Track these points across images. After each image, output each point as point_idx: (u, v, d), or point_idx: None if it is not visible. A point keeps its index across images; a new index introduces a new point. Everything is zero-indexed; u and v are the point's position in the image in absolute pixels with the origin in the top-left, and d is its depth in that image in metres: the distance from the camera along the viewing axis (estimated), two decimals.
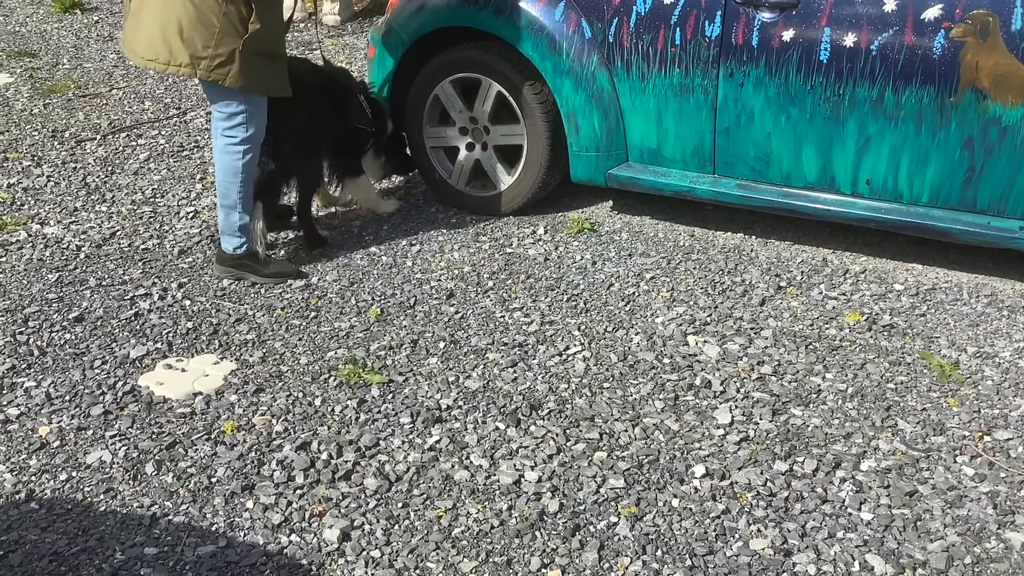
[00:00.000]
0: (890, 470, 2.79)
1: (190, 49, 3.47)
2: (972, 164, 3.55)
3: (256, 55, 3.55)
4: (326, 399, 3.16)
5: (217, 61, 3.49)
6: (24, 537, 2.57)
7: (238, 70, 3.52)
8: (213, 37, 3.47)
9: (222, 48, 3.48)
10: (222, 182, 3.78)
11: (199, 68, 3.49)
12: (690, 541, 2.54)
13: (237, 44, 3.49)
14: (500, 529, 2.59)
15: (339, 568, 2.47)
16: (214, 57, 3.49)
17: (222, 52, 3.49)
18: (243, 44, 3.49)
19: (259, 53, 3.55)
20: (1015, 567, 2.44)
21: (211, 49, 3.48)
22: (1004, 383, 3.19)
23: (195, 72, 3.50)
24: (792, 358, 3.34)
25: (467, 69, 4.29)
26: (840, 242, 4.18)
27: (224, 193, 3.79)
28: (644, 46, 3.93)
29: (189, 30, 3.45)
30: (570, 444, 2.92)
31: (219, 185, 3.80)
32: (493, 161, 4.43)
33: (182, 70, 3.51)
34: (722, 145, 3.95)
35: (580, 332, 3.54)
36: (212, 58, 3.49)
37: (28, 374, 3.31)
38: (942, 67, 3.45)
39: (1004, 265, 3.93)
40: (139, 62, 3.59)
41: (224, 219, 3.84)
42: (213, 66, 3.50)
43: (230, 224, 3.84)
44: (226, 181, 3.76)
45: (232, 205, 3.79)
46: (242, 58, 3.51)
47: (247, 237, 3.87)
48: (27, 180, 4.96)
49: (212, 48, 3.48)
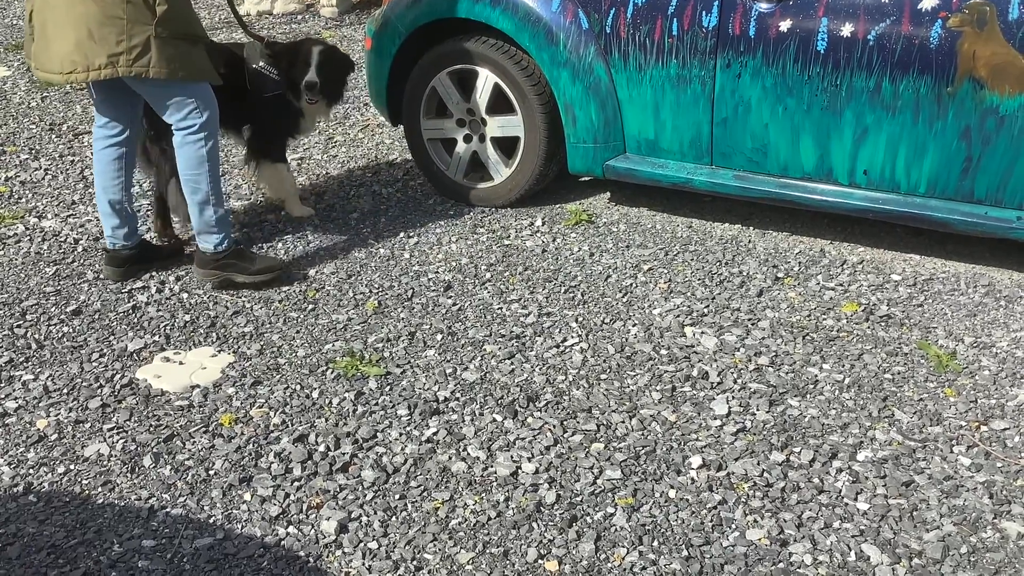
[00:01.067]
0: (887, 460, 2.79)
1: (105, 48, 3.32)
2: (969, 154, 3.55)
3: (173, 38, 3.39)
4: (324, 391, 3.16)
5: (135, 53, 3.33)
6: (22, 530, 2.58)
7: (158, 58, 3.36)
8: (124, 29, 3.31)
9: (136, 38, 3.32)
10: (190, 177, 3.63)
11: (119, 65, 3.34)
12: (687, 532, 2.55)
13: (149, 30, 3.33)
14: (497, 520, 2.59)
15: (336, 560, 2.47)
16: (130, 49, 3.33)
17: (137, 43, 3.33)
18: (155, 28, 3.33)
19: (175, 36, 3.40)
20: (1011, 556, 2.45)
21: (125, 42, 3.32)
22: (1001, 373, 3.19)
23: (116, 71, 3.35)
24: (789, 349, 3.35)
25: (464, 61, 4.29)
26: (838, 233, 4.18)
27: (194, 188, 3.64)
28: (641, 37, 3.92)
29: (99, 29, 3.31)
30: (567, 435, 2.92)
31: (186, 182, 3.65)
32: (490, 153, 4.43)
33: (103, 72, 3.35)
34: (719, 136, 3.95)
35: (577, 323, 3.54)
36: (129, 51, 3.33)
37: (26, 367, 3.31)
38: (939, 57, 3.45)
39: (1001, 255, 3.93)
40: (58, 79, 3.44)
41: (199, 216, 3.70)
42: (132, 59, 3.34)
43: (205, 221, 3.70)
44: (193, 175, 3.62)
45: (204, 200, 3.66)
46: (158, 44, 3.35)
47: (226, 231, 3.76)
48: (25, 173, 4.96)
49: (126, 40, 3.32)
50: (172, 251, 4.06)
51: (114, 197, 3.76)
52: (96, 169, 3.77)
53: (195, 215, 3.71)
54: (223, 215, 3.74)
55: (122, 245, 3.85)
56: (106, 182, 3.75)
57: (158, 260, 3.98)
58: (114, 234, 3.82)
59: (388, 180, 4.92)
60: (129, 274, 3.88)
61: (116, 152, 3.73)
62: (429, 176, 4.67)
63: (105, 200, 3.77)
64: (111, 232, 3.82)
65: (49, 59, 3.43)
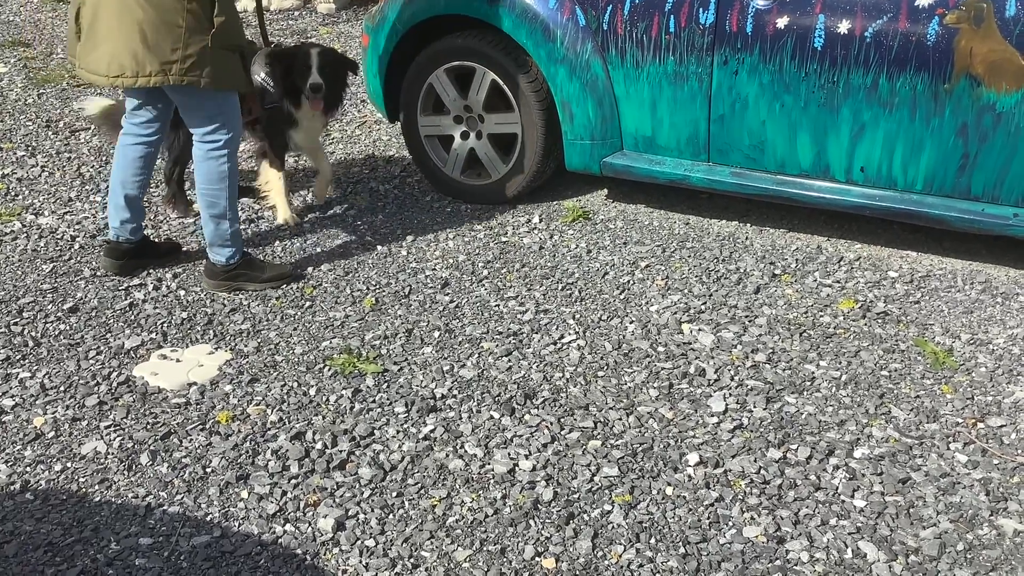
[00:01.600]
0: (883, 457, 2.79)
1: (159, 55, 3.30)
2: (966, 151, 3.55)
3: (224, 50, 3.40)
4: (321, 389, 3.16)
5: (189, 63, 3.32)
6: (19, 528, 2.57)
7: (211, 69, 3.36)
8: (180, 38, 3.29)
9: (192, 48, 3.31)
10: (208, 191, 3.62)
11: (171, 74, 3.32)
12: (684, 529, 2.55)
13: (206, 40, 3.33)
14: (494, 518, 2.60)
15: (334, 557, 2.47)
16: (185, 59, 3.31)
17: (192, 52, 3.32)
18: (211, 39, 3.34)
19: (226, 47, 3.41)
20: (1007, 553, 2.45)
21: (180, 51, 3.30)
22: (998, 370, 3.19)
23: (167, 79, 3.33)
24: (786, 346, 3.35)
25: (461, 57, 4.29)
26: (835, 230, 4.19)
27: (212, 203, 3.63)
28: (638, 34, 3.92)
29: (154, 35, 3.28)
30: (564, 433, 2.93)
31: (204, 196, 3.63)
32: (488, 150, 4.42)
33: (153, 80, 3.33)
34: (717, 133, 3.95)
35: (575, 321, 3.54)
36: (183, 60, 3.31)
37: (23, 365, 3.31)
38: (936, 54, 3.45)
39: (998, 252, 3.93)
40: (103, 82, 3.41)
41: (214, 230, 3.69)
42: (185, 68, 3.32)
43: (220, 234, 3.69)
44: (213, 190, 3.61)
45: (221, 214, 3.65)
46: (213, 55, 3.36)
47: (238, 245, 3.75)
48: (21, 170, 4.95)
49: (181, 50, 3.30)
50: (169, 248, 4.05)
51: (131, 192, 3.77)
52: (119, 163, 3.76)
53: (210, 228, 3.69)
54: (237, 230, 3.73)
55: (125, 239, 3.85)
56: (127, 177, 3.75)
57: (155, 257, 3.98)
58: (121, 228, 3.83)
59: (385, 177, 4.91)
60: (127, 268, 3.88)
61: (144, 150, 3.75)
62: (426, 173, 4.67)
63: (122, 194, 3.77)
64: (118, 225, 3.82)
65: (96, 60, 3.39)
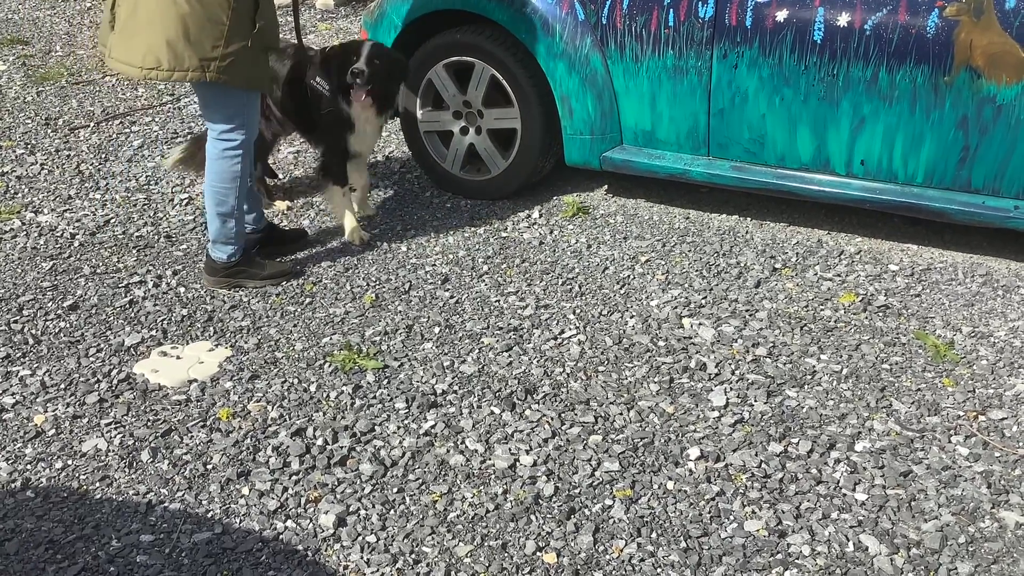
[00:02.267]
0: (884, 451, 2.79)
1: (198, 51, 3.26)
2: (967, 143, 3.54)
3: (260, 51, 3.40)
4: (321, 385, 3.16)
5: (227, 61, 3.29)
6: (20, 525, 2.58)
7: (246, 69, 3.36)
8: (223, 36, 3.26)
9: (232, 47, 3.28)
10: (218, 189, 3.58)
11: (208, 71, 3.28)
12: (685, 523, 2.55)
13: (246, 41, 3.31)
14: (495, 513, 2.59)
15: (335, 553, 2.47)
16: (224, 57, 3.28)
17: (232, 51, 3.28)
18: (251, 40, 3.33)
19: (262, 49, 3.41)
20: (1009, 546, 2.45)
21: (221, 49, 3.27)
22: (999, 363, 3.19)
23: (204, 75, 3.28)
24: (787, 339, 3.34)
25: (460, 53, 4.28)
26: (835, 223, 4.18)
27: (221, 200, 3.59)
28: (637, 28, 3.91)
29: (197, 31, 3.24)
30: (565, 428, 2.92)
31: (213, 193, 3.59)
32: (487, 145, 4.42)
33: (189, 75, 3.28)
34: (716, 127, 3.94)
35: (575, 316, 3.54)
36: (222, 58, 3.28)
37: (23, 363, 3.31)
38: (936, 47, 3.44)
39: (999, 245, 3.92)
40: (135, 73, 3.32)
41: (220, 227, 3.66)
42: (223, 67, 3.29)
43: (225, 232, 3.67)
44: (223, 188, 3.58)
45: (229, 212, 3.62)
46: (250, 55, 3.35)
47: (240, 243, 3.73)
48: (21, 168, 4.95)
49: (222, 47, 3.27)
50: (296, 235, 4.08)
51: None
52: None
53: (216, 225, 3.67)
54: (242, 229, 3.72)
55: (251, 229, 3.87)
56: None
57: (283, 244, 4.01)
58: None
59: (385, 173, 4.91)
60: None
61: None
62: (426, 169, 4.66)
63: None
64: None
65: (129, 51, 3.33)
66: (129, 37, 3.32)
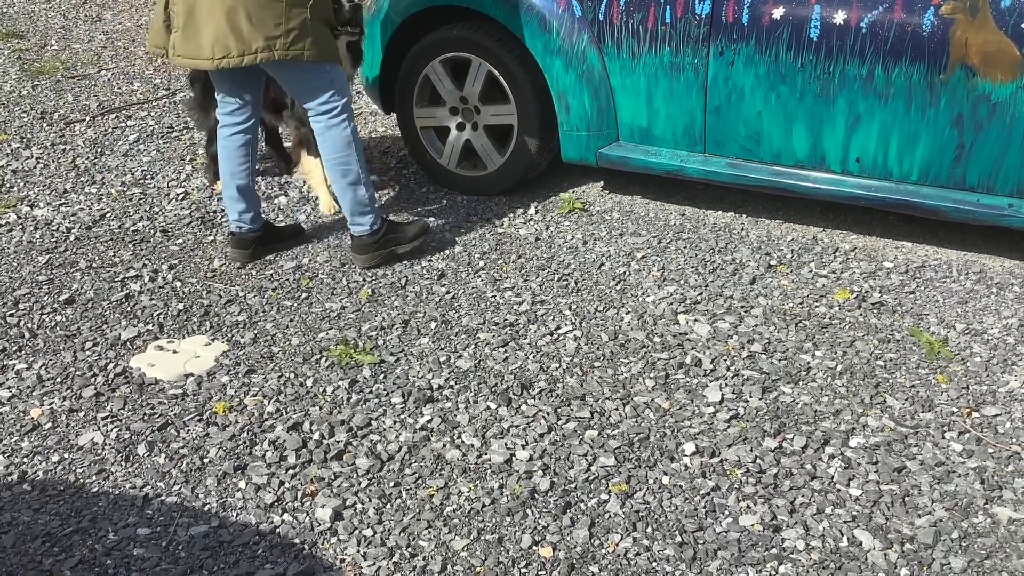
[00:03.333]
0: (879, 446, 2.80)
1: (262, 31, 3.34)
2: (962, 141, 3.56)
3: (321, 22, 3.47)
4: (318, 379, 3.16)
5: (292, 36, 3.37)
6: (17, 518, 2.58)
7: (312, 40, 3.42)
8: (282, 12, 3.34)
9: (293, 21, 3.36)
10: (339, 160, 3.65)
11: (276, 49, 3.36)
12: (680, 518, 2.56)
13: (305, 12, 3.38)
14: (491, 507, 2.60)
15: (332, 547, 2.48)
16: (288, 32, 3.36)
17: (294, 25, 3.36)
18: (310, 10, 3.40)
19: (321, 20, 3.47)
20: (1002, 541, 2.46)
21: (283, 24, 3.35)
22: (992, 359, 3.21)
23: (273, 54, 3.36)
24: (782, 336, 3.36)
25: (457, 49, 4.28)
26: (830, 220, 4.19)
27: (345, 170, 3.66)
28: (634, 24, 3.92)
29: (257, 11, 3.32)
30: (561, 423, 2.93)
31: (335, 166, 3.66)
32: (484, 141, 4.42)
33: (260, 56, 3.37)
34: (712, 124, 3.95)
35: (571, 311, 3.54)
36: (287, 34, 3.36)
37: (19, 356, 3.31)
38: (932, 44, 3.45)
39: (993, 242, 3.94)
40: (207, 65, 3.43)
41: (352, 198, 3.71)
42: (289, 42, 3.37)
43: (358, 201, 3.72)
44: (343, 156, 3.64)
45: (356, 179, 3.68)
46: (313, 27, 3.42)
47: (377, 210, 3.79)
48: (16, 162, 4.94)
49: (284, 23, 3.35)
50: (293, 232, 4.10)
51: (242, 182, 3.80)
52: (223, 156, 3.78)
53: (348, 198, 3.71)
54: (372, 194, 3.77)
55: (248, 228, 3.89)
56: (234, 168, 3.78)
57: (280, 241, 4.02)
58: (240, 218, 3.86)
59: (381, 168, 4.91)
60: (255, 256, 3.92)
61: (243, 139, 3.77)
62: (422, 165, 4.67)
63: (233, 186, 3.79)
64: (237, 216, 3.85)
65: (198, 46, 3.40)
66: (194, 34, 3.39)
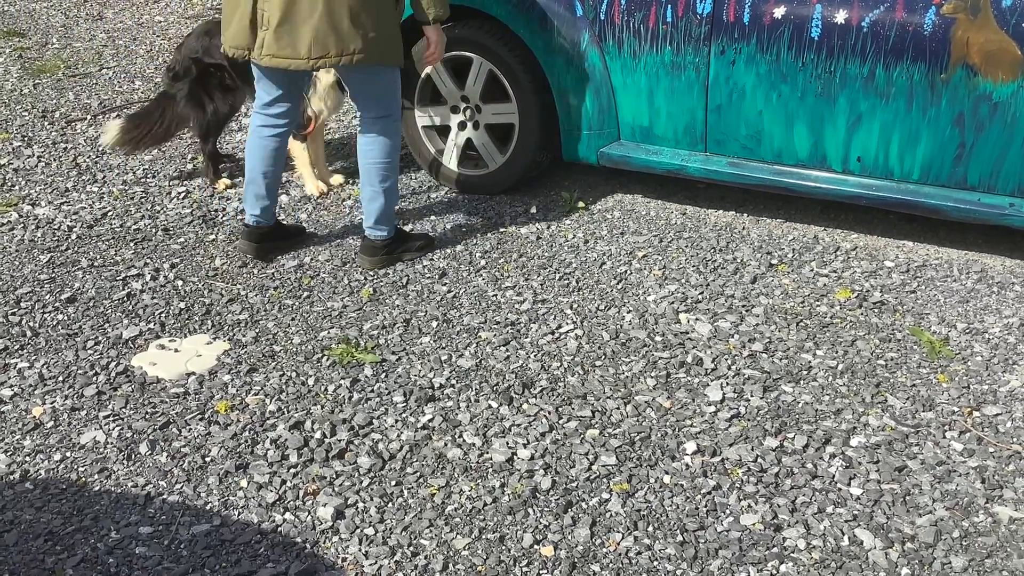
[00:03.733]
0: (879, 446, 2.81)
1: (361, 33, 3.36)
2: (963, 140, 3.56)
3: (400, 28, 3.55)
4: (319, 378, 3.17)
5: (385, 40, 3.44)
6: (19, 517, 2.58)
7: (396, 46, 3.51)
8: (379, 17, 3.40)
9: (389, 28, 3.45)
10: (383, 165, 3.70)
11: (371, 52, 3.40)
12: (681, 517, 2.56)
13: (394, 19, 3.47)
14: (493, 506, 2.61)
15: (333, 546, 2.48)
16: (385, 38, 3.43)
17: (386, 31, 3.44)
18: (396, 18, 3.49)
19: (400, 25, 3.55)
20: (1003, 540, 2.47)
21: (379, 29, 3.40)
22: (993, 359, 3.21)
23: (368, 57, 3.40)
24: (783, 335, 3.36)
25: (458, 48, 4.28)
26: (831, 219, 4.20)
27: (386, 176, 3.72)
28: (635, 23, 3.92)
29: (359, 15, 3.35)
30: (562, 422, 2.94)
31: (379, 171, 3.70)
32: (485, 140, 4.42)
33: (356, 57, 3.38)
34: (714, 123, 3.95)
35: (572, 310, 3.55)
36: (383, 38, 3.42)
37: (21, 355, 3.31)
38: (933, 44, 3.45)
39: (994, 241, 3.94)
40: (302, 65, 3.43)
41: (382, 205, 3.75)
42: (383, 48, 3.43)
43: (388, 209, 3.78)
44: (389, 163, 3.71)
45: (392, 186, 3.75)
46: (397, 34, 3.51)
47: (394, 220, 3.88)
48: (17, 161, 4.94)
49: (380, 28, 3.41)
50: (296, 231, 4.13)
51: (271, 181, 3.83)
52: (257, 154, 3.79)
53: (379, 203, 3.75)
54: (397, 202, 3.87)
55: (264, 223, 3.92)
56: (267, 166, 3.80)
57: (284, 239, 4.05)
58: (262, 214, 3.89)
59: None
60: (263, 250, 3.94)
61: (281, 140, 3.80)
62: (423, 163, 4.67)
63: (263, 183, 3.82)
64: (259, 212, 3.88)
65: (293, 45, 3.39)
66: (290, 31, 3.38)
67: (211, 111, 4.49)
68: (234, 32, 3.51)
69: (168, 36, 7.15)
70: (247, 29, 3.46)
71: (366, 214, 3.82)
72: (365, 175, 3.75)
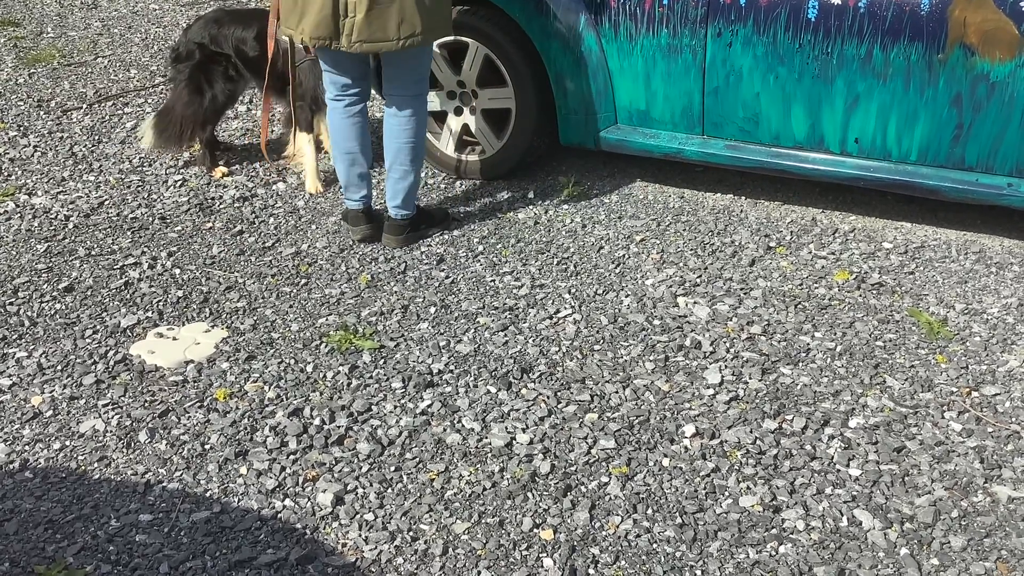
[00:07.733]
0: (878, 427, 2.81)
1: (442, 12, 3.52)
2: (960, 121, 3.55)
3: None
4: (318, 365, 3.17)
5: (447, 15, 3.57)
6: (19, 506, 2.59)
7: (449, 20, 3.63)
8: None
9: (448, 5, 3.57)
10: (416, 144, 3.75)
11: (442, 27, 3.54)
12: (680, 499, 2.57)
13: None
14: (492, 491, 2.61)
15: (333, 531, 2.49)
16: (447, 11, 3.57)
17: (451, 9, 3.60)
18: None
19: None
20: (1001, 520, 2.47)
21: (447, 7, 3.56)
22: (992, 339, 3.21)
23: (440, 31, 3.55)
24: (781, 317, 3.36)
25: (454, 32, 4.26)
26: (829, 201, 4.19)
27: (416, 154, 3.76)
28: (632, 6, 3.90)
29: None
30: (561, 406, 2.94)
31: (410, 150, 3.74)
32: (482, 125, 4.41)
33: (435, 35, 3.54)
34: (711, 106, 3.94)
35: (570, 295, 3.55)
36: (447, 13, 3.57)
37: (19, 344, 3.31)
38: (930, 24, 3.44)
39: (992, 222, 3.94)
40: (392, 47, 3.45)
41: (410, 185, 3.81)
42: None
43: (413, 188, 3.84)
44: (419, 142, 3.76)
45: (420, 165, 3.83)
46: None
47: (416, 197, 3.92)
48: (13, 150, 4.93)
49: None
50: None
51: (369, 157, 3.88)
52: (351, 133, 3.78)
53: (408, 182, 3.80)
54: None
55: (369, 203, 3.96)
56: (363, 142, 3.83)
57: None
58: (368, 193, 3.92)
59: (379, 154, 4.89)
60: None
61: (364, 115, 3.81)
62: None
63: (364, 161, 3.85)
64: (365, 191, 3.90)
65: (383, 28, 3.43)
66: (378, 15, 3.41)
67: (209, 98, 4.47)
68: (315, 23, 3.45)
69: (163, 24, 7.12)
70: (329, 19, 3.43)
71: (392, 194, 3.83)
72: (395, 155, 3.76)
